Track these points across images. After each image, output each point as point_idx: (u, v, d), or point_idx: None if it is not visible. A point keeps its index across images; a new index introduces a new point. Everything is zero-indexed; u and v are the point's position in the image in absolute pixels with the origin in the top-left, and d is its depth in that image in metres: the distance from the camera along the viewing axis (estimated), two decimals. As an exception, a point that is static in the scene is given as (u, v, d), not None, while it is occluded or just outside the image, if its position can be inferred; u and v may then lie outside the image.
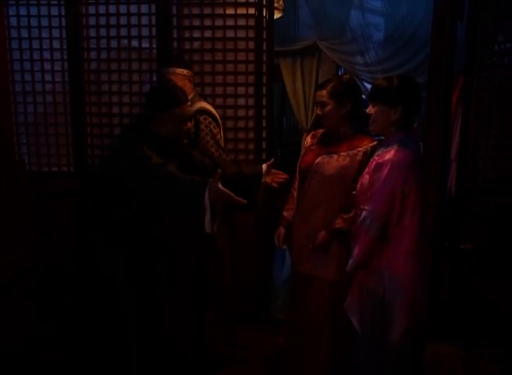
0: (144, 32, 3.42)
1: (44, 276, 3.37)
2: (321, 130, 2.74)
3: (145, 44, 3.44)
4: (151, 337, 2.43)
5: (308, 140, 2.80)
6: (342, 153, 2.52)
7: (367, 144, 2.51)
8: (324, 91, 2.52)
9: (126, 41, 3.45)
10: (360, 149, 2.50)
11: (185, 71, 2.96)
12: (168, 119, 2.38)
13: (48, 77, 3.54)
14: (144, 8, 3.40)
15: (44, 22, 3.48)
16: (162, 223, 2.30)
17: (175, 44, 3.42)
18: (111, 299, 2.41)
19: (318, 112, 2.58)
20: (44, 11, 3.47)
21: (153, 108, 2.40)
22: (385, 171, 2.16)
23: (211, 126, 2.94)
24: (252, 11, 3.34)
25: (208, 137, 2.91)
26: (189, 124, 2.48)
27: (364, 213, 2.22)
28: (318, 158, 2.58)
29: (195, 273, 2.56)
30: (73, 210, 3.52)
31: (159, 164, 2.24)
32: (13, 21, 3.50)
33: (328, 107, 2.51)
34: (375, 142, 2.51)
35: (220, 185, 2.11)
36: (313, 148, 2.69)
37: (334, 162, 2.52)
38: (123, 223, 2.33)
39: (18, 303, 3.09)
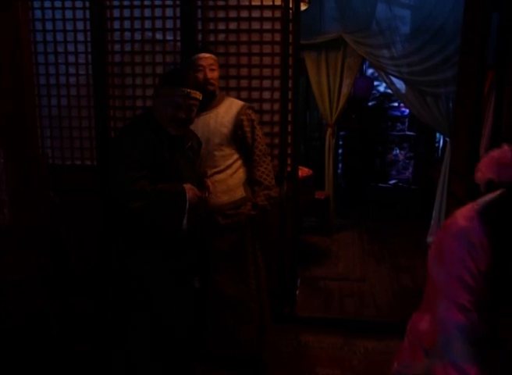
0: (169, 24, 3.37)
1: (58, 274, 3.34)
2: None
3: (169, 37, 3.40)
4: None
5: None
6: None
7: None
8: None
9: (150, 34, 3.41)
10: None
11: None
12: (156, 97, 2.37)
13: (71, 70, 3.52)
14: (169, 1, 3.35)
15: (69, 14, 3.46)
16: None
17: (199, 36, 3.37)
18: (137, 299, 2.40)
19: None
20: (68, 3, 3.44)
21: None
22: None
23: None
24: (278, 2, 3.26)
25: (259, 133, 2.90)
26: (181, 114, 2.32)
27: None
28: None
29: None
30: (97, 206, 3.48)
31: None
32: (38, 14, 3.48)
33: None
34: None
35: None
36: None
37: None
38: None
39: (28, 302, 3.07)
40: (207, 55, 2.83)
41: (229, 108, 2.85)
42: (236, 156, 2.88)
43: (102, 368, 2.87)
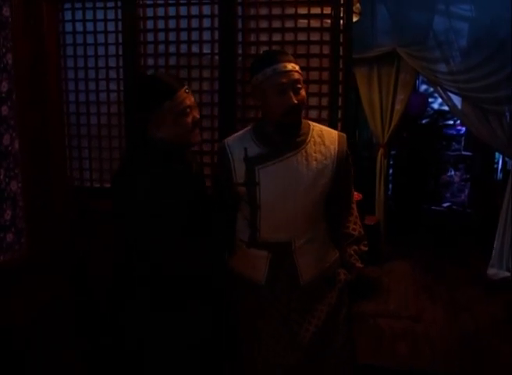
0: (206, 36, 3.06)
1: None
2: None
3: (206, 50, 3.09)
4: None
5: None
6: None
7: None
8: None
9: (185, 47, 3.12)
10: None
11: None
12: (162, 117, 1.89)
13: (102, 86, 3.26)
14: (206, 10, 3.04)
15: (100, 27, 3.21)
16: None
17: (239, 49, 3.05)
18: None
19: None
20: (100, 15, 3.20)
21: (141, 109, 1.96)
22: None
23: None
24: (328, 11, 2.91)
25: (352, 174, 2.22)
26: (195, 114, 1.92)
27: None
28: None
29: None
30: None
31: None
32: (68, 27, 3.24)
33: None
34: None
35: None
36: None
37: None
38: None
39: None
40: (289, 66, 1.87)
41: (321, 144, 2.01)
42: (323, 210, 2.13)
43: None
